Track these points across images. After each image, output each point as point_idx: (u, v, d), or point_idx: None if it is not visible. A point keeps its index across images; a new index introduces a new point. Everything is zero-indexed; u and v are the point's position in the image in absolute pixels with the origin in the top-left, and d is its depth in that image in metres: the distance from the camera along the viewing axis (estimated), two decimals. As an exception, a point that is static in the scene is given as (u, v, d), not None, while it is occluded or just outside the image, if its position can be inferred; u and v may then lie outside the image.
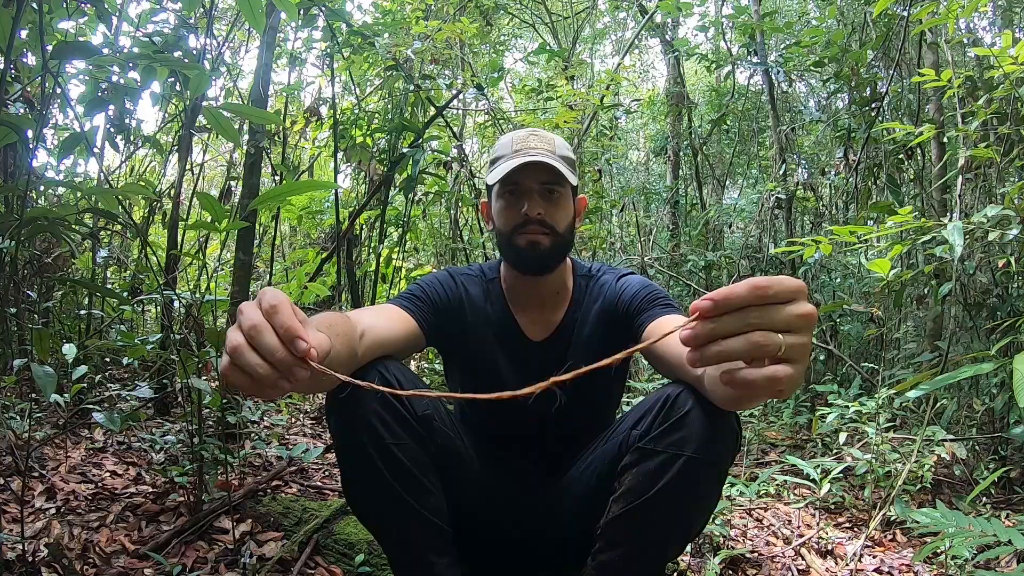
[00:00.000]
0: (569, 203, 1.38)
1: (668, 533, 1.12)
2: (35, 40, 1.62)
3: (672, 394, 1.09)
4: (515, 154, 1.33)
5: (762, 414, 3.34)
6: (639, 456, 1.10)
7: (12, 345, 2.45)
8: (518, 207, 1.33)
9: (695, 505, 1.11)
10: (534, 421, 1.40)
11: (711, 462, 1.07)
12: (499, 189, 1.36)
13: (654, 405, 1.11)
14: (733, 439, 1.10)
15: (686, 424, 1.06)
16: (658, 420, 1.09)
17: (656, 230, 6.75)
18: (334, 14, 3.34)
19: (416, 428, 1.14)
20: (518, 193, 1.34)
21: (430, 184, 4.25)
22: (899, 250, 2.42)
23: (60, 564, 1.46)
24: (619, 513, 1.11)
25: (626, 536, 1.12)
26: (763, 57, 4.86)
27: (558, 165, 1.32)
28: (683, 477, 1.05)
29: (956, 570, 1.76)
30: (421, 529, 1.16)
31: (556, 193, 1.35)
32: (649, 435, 1.09)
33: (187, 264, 3.37)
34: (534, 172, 1.32)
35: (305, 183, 3.76)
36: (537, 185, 1.33)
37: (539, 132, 1.39)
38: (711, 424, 1.05)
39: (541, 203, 1.33)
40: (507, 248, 1.38)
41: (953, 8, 2.50)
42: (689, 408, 1.06)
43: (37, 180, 2.29)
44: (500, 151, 1.39)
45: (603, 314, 1.39)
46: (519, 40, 8.02)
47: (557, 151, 1.35)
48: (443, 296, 1.39)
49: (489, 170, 1.40)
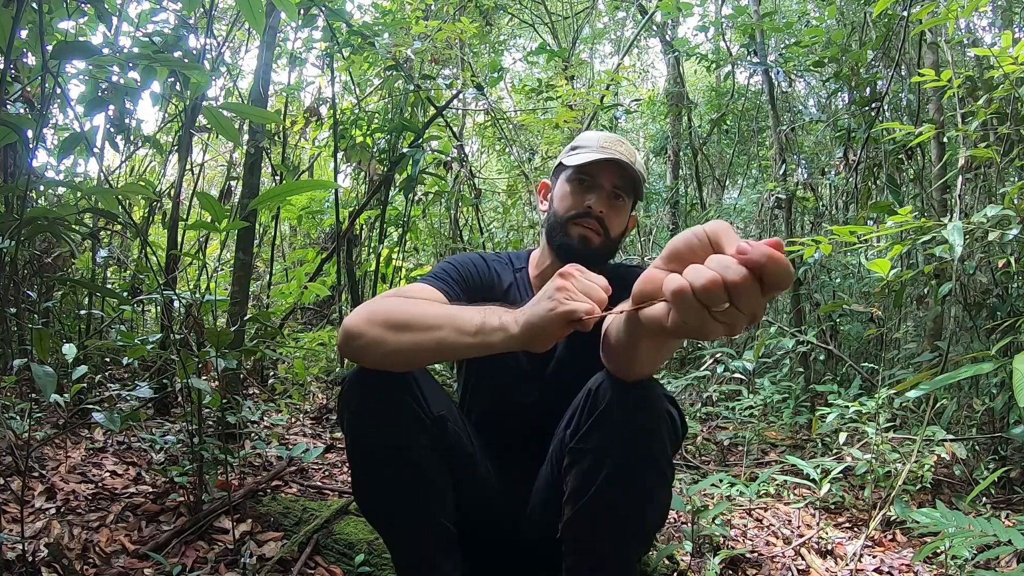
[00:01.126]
0: (627, 214, 1.42)
1: (620, 531, 1.10)
2: (35, 40, 1.62)
3: (592, 387, 1.08)
4: (600, 150, 1.36)
5: (762, 414, 3.34)
6: (573, 456, 1.10)
7: (12, 345, 2.45)
8: (584, 197, 1.36)
9: (639, 499, 1.09)
10: (534, 417, 1.40)
11: (641, 454, 1.05)
12: (571, 174, 1.38)
13: (580, 401, 1.11)
14: (665, 423, 1.07)
15: (607, 418, 1.04)
16: (583, 417, 1.08)
17: (656, 230, 6.75)
18: (334, 14, 3.34)
19: (431, 428, 1.14)
20: (589, 185, 1.36)
21: (430, 184, 4.25)
22: (899, 250, 2.42)
23: (60, 564, 1.46)
24: (570, 515, 1.11)
25: (580, 538, 1.12)
26: (763, 57, 4.86)
27: (636, 174, 1.36)
28: (616, 474, 1.04)
29: (956, 570, 1.76)
30: (429, 529, 1.16)
31: (621, 200, 1.38)
32: (578, 434, 1.09)
33: (187, 264, 3.37)
34: (612, 172, 1.35)
35: (305, 183, 3.76)
36: (609, 185, 1.36)
37: (625, 142, 1.42)
38: (633, 414, 1.03)
39: (606, 202, 1.36)
40: (558, 233, 1.39)
41: (953, 8, 2.50)
42: (608, 401, 1.04)
43: (37, 180, 2.29)
44: (584, 142, 1.40)
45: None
46: (519, 40, 8.02)
47: (636, 164, 1.38)
48: (475, 276, 1.40)
49: (567, 153, 1.42)
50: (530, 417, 1.41)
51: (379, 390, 1.10)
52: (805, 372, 3.96)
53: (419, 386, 1.13)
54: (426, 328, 1.02)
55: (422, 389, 1.14)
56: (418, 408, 1.12)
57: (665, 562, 1.77)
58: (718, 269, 0.61)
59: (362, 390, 1.11)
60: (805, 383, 3.84)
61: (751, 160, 6.79)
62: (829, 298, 4.44)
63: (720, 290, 0.61)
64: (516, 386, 1.42)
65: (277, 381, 3.53)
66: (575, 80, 6.11)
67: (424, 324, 1.03)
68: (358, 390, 1.11)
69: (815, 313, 4.33)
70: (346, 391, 1.14)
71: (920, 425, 2.45)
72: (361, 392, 1.11)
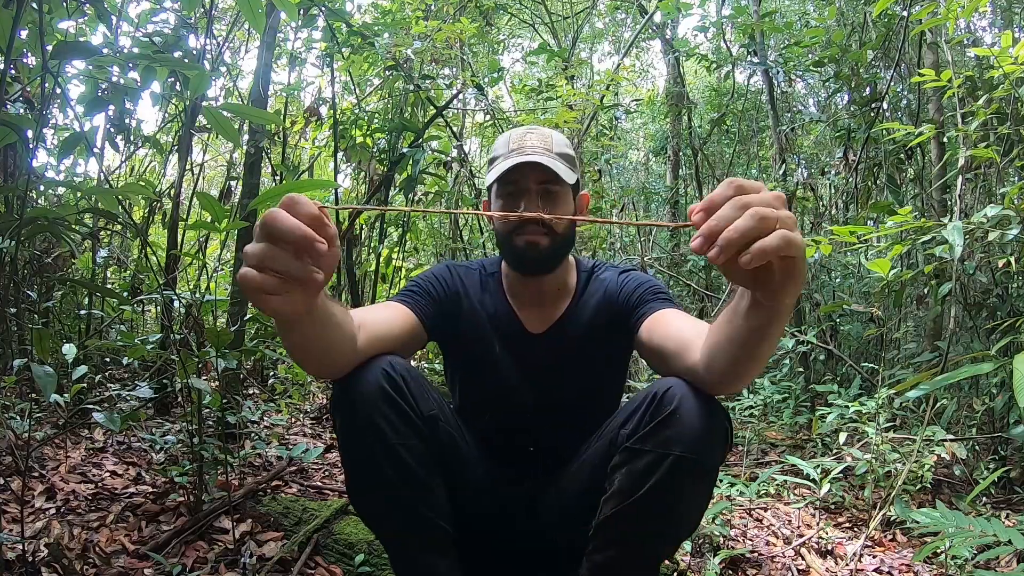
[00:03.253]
0: (569, 201, 1.36)
1: (660, 533, 1.11)
2: (35, 40, 1.62)
3: (660, 390, 1.07)
4: (512, 153, 1.32)
5: (762, 414, 3.34)
6: (627, 456, 1.08)
7: (12, 345, 2.45)
8: (515, 207, 1.31)
9: (686, 504, 1.09)
10: (531, 414, 1.40)
11: (700, 461, 1.05)
12: (497, 189, 1.35)
13: (643, 402, 1.09)
14: (723, 436, 1.08)
15: (674, 422, 1.04)
16: (646, 418, 1.07)
17: (656, 230, 6.75)
18: (334, 14, 3.34)
19: (421, 428, 1.14)
20: (516, 193, 1.32)
21: (430, 184, 4.25)
22: (899, 250, 2.42)
23: (60, 564, 1.46)
24: (610, 514, 1.10)
25: (618, 537, 1.11)
26: (763, 57, 4.86)
27: (555, 163, 1.30)
28: (672, 477, 1.04)
29: (956, 570, 1.76)
30: (424, 529, 1.15)
31: (554, 192, 1.32)
32: (637, 434, 1.07)
33: (187, 264, 3.37)
34: (531, 171, 1.30)
35: (305, 183, 3.76)
36: (535, 185, 1.31)
37: (536, 129, 1.36)
38: (700, 422, 1.03)
39: (539, 203, 1.31)
40: (505, 248, 1.37)
41: (953, 8, 2.50)
42: (677, 405, 1.04)
43: (37, 180, 2.29)
44: (498, 150, 1.38)
45: (603, 307, 1.39)
46: (519, 40, 8.02)
47: (555, 148, 1.33)
48: (440, 289, 1.38)
49: (488, 169, 1.39)
50: (526, 408, 1.40)
51: (368, 392, 1.10)
52: (805, 372, 3.96)
53: (408, 387, 1.12)
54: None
55: (412, 390, 1.13)
56: (408, 409, 1.12)
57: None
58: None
59: (350, 392, 1.11)
60: (805, 383, 3.84)
61: (751, 160, 6.79)
62: (829, 298, 4.45)
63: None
64: (511, 387, 1.42)
65: (277, 381, 3.53)
66: (575, 80, 6.11)
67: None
68: (347, 393, 1.11)
69: (815, 313, 4.34)
70: (336, 394, 1.14)
71: (920, 425, 2.45)
72: (350, 394, 1.11)
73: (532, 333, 1.42)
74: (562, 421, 1.40)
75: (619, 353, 1.44)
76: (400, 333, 1.23)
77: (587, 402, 1.42)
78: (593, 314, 1.40)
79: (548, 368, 1.40)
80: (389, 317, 1.23)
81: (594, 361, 1.40)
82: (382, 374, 1.10)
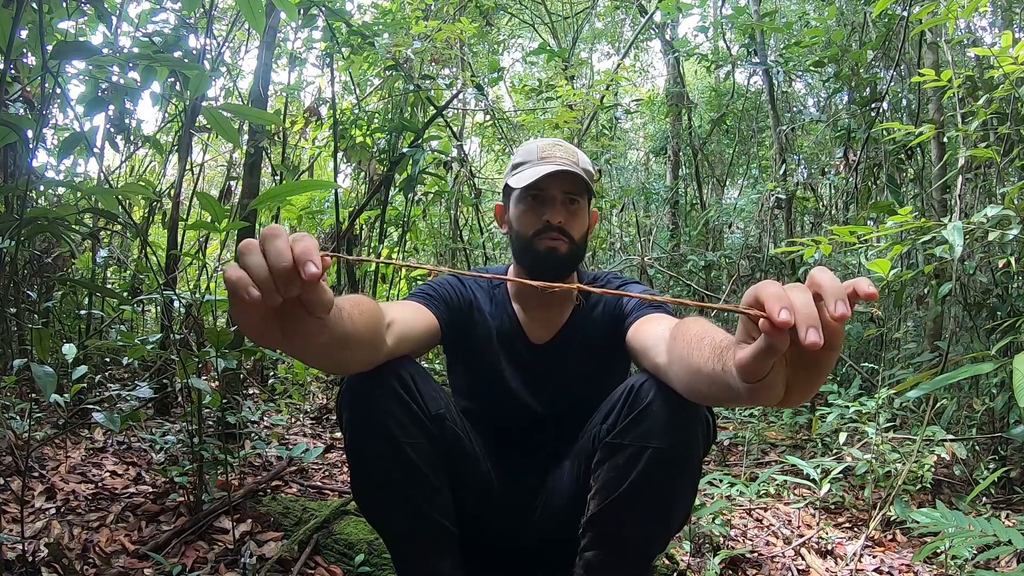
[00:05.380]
0: (586, 214, 1.42)
1: (646, 527, 1.12)
2: (35, 40, 1.62)
3: (635, 384, 1.09)
4: (541, 161, 1.36)
5: (762, 414, 3.34)
6: (608, 451, 1.10)
7: (12, 345, 2.45)
8: (540, 213, 1.36)
9: (669, 497, 1.11)
10: (534, 420, 1.41)
11: (678, 452, 1.06)
12: (521, 194, 1.38)
13: (619, 398, 1.12)
14: (701, 427, 1.09)
15: (649, 415, 1.06)
16: (623, 413, 1.09)
17: (656, 230, 6.75)
18: (334, 14, 3.34)
19: (429, 427, 1.15)
20: (542, 200, 1.37)
21: (430, 184, 4.25)
22: (899, 250, 2.42)
23: (60, 564, 1.46)
24: (596, 510, 1.11)
25: (606, 533, 1.12)
26: (763, 57, 4.86)
27: (582, 176, 1.36)
28: (652, 470, 1.05)
29: (956, 570, 1.76)
30: (428, 529, 1.16)
31: (576, 203, 1.38)
32: (615, 429, 1.09)
33: (187, 264, 3.37)
34: (559, 181, 1.35)
35: (305, 183, 3.76)
36: (560, 194, 1.36)
37: (563, 143, 1.41)
38: (675, 413, 1.05)
39: (563, 211, 1.36)
40: (525, 252, 1.39)
41: (953, 8, 2.50)
42: (651, 398, 1.06)
43: (37, 180, 2.28)
44: (524, 157, 1.40)
45: (605, 318, 1.41)
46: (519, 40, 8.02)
47: (580, 163, 1.38)
48: (453, 296, 1.41)
49: (510, 174, 1.41)
50: (529, 412, 1.41)
51: (376, 390, 1.11)
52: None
53: (416, 385, 1.13)
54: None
55: (419, 388, 1.14)
56: (417, 408, 1.13)
57: (665, 562, 1.77)
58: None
59: (359, 390, 1.11)
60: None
61: (751, 160, 6.79)
62: (829, 298, 4.43)
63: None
64: (514, 396, 1.43)
65: (277, 381, 3.53)
66: (575, 80, 6.11)
67: None
68: (356, 390, 1.12)
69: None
70: (344, 391, 1.14)
71: (920, 425, 2.45)
72: (359, 392, 1.12)
73: (535, 344, 1.44)
74: (564, 426, 1.41)
75: (620, 362, 1.46)
76: (422, 335, 1.25)
77: (589, 408, 1.43)
78: (595, 325, 1.42)
79: (551, 378, 1.43)
80: (415, 317, 1.24)
81: (596, 369, 1.42)
82: (392, 372, 1.10)
